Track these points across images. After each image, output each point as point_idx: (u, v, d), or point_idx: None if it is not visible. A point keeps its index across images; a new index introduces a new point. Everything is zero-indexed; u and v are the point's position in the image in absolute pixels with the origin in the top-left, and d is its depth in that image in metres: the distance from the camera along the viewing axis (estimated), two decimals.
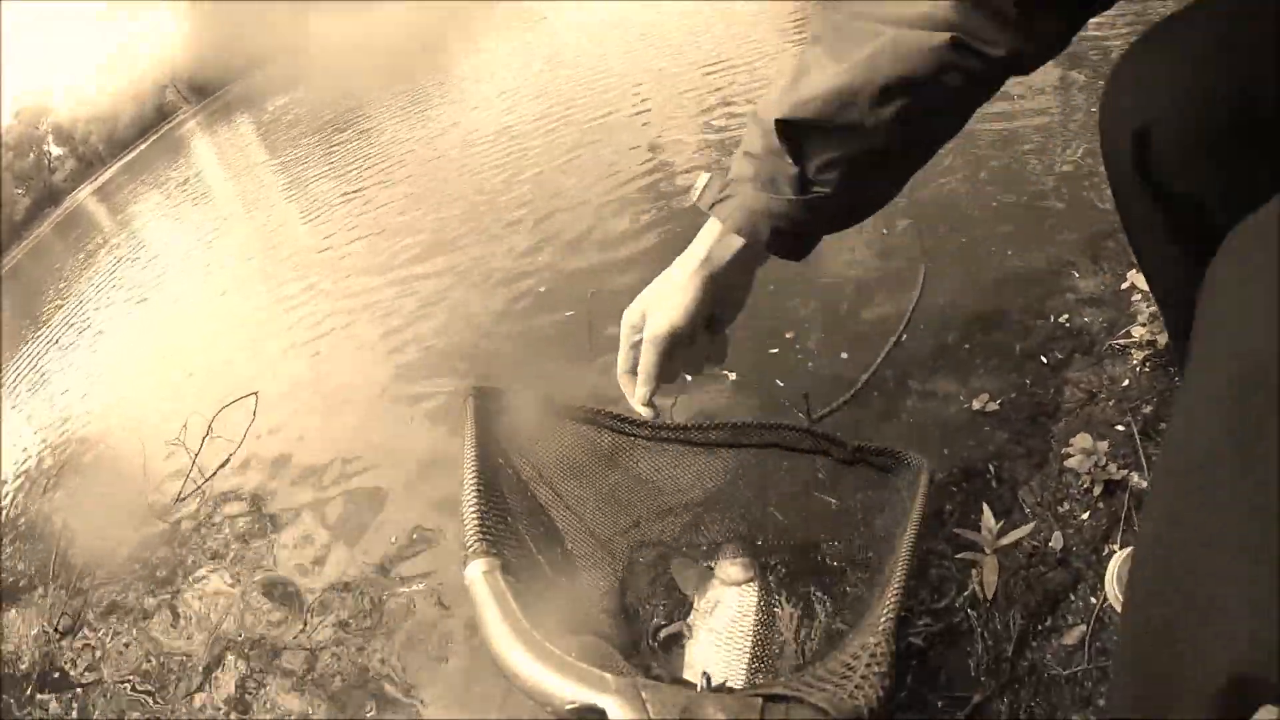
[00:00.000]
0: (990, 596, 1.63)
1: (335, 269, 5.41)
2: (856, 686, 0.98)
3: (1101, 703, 1.52)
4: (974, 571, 1.69)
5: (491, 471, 1.48)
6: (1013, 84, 3.60)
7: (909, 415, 2.21)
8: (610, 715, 0.89)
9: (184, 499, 3.32)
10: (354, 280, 4.99)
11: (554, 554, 1.64)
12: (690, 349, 1.05)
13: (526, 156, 5.85)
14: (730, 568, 1.78)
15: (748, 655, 1.62)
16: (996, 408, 2.10)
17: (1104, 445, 1.78)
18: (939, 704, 1.56)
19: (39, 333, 8.70)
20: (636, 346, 1.07)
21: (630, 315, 1.08)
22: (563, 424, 1.83)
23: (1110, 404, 2.01)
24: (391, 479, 2.84)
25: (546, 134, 6.24)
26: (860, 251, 3.02)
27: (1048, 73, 3.65)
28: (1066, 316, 2.32)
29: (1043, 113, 3.36)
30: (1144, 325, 2.03)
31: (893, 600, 1.16)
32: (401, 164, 7.51)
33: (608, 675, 0.94)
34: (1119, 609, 1.58)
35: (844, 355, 2.49)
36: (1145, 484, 1.77)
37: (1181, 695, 0.80)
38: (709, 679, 1.35)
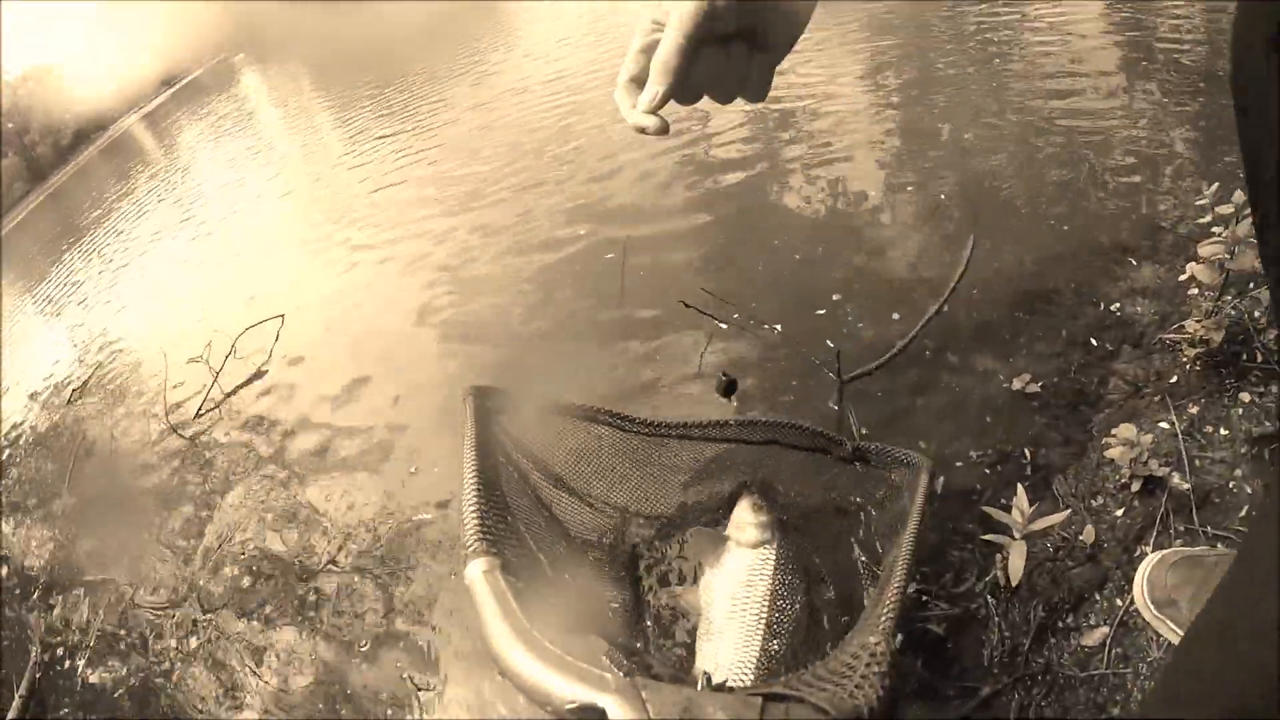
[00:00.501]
0: (1014, 584, 1.55)
1: (374, 206, 5.37)
2: (856, 686, 0.97)
3: (1117, 711, 1.46)
4: (999, 556, 1.61)
5: (492, 470, 1.47)
6: (1080, 75, 3.53)
7: (946, 388, 2.13)
8: (610, 715, 0.89)
9: (202, 414, 3.33)
10: (392, 218, 4.95)
11: (555, 551, 1.61)
12: (725, 60, 0.79)
13: (579, 106, 5.74)
14: (747, 529, 1.71)
15: (763, 623, 1.56)
16: (1037, 390, 2.00)
17: (1147, 439, 1.68)
18: (949, 693, 1.49)
19: (77, 251, 8.80)
20: (650, 51, 0.80)
21: (653, 6, 0.80)
22: (562, 422, 1.81)
23: (1156, 400, 1.90)
24: (412, 412, 2.81)
25: (597, 89, 6.11)
26: (910, 217, 2.93)
27: (1115, 73, 3.52)
28: (1117, 305, 2.21)
29: (1105, 115, 3.21)
30: (1199, 321, 1.91)
31: (893, 600, 1.14)
32: (450, 105, 7.43)
33: (608, 675, 0.93)
34: (1146, 615, 1.50)
35: (895, 316, 2.43)
36: (1187, 486, 1.67)
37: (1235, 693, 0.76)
38: (709, 678, 1.33)
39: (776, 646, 1.56)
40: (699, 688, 1.29)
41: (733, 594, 1.63)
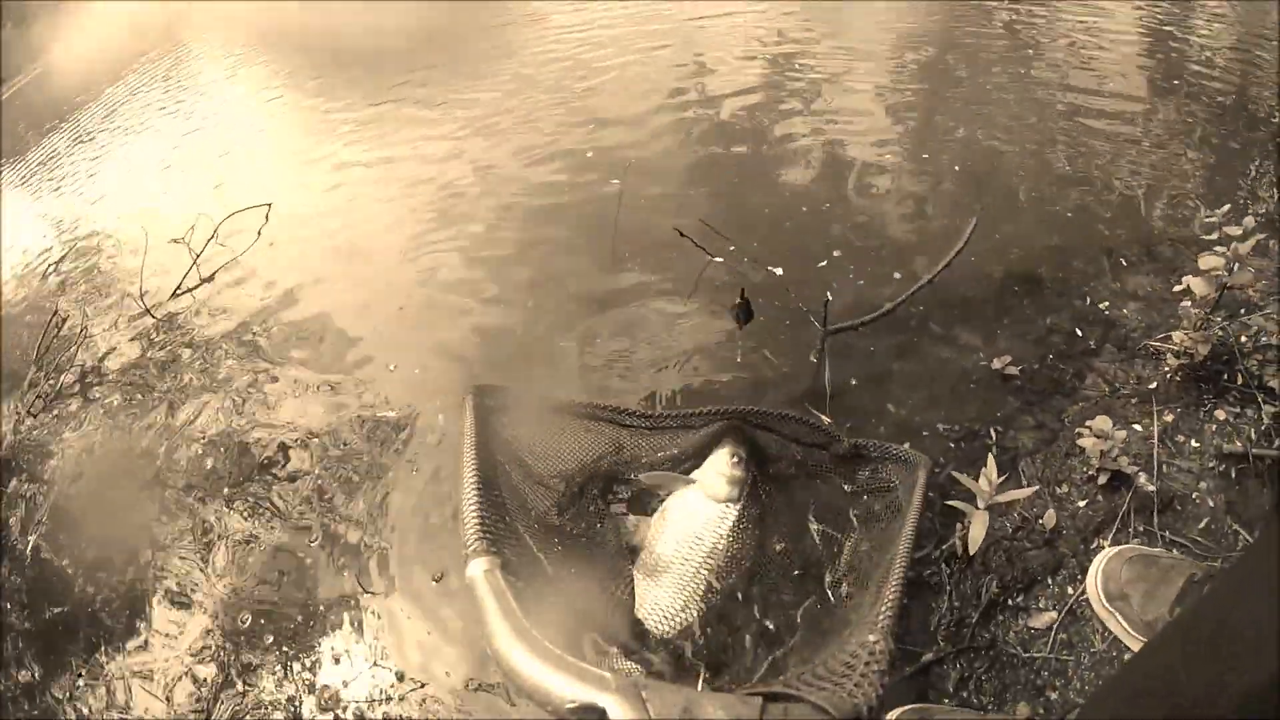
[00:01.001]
0: (972, 554, 1.51)
1: (378, 127, 5.19)
2: (855, 685, 0.98)
3: (1054, 695, 1.43)
4: (958, 525, 1.57)
5: (491, 470, 1.47)
6: (1104, 83, 3.51)
7: (926, 357, 2.10)
8: (610, 715, 0.90)
9: (179, 294, 3.21)
10: (395, 139, 4.78)
11: (555, 551, 1.58)
12: None
13: (602, 45, 5.61)
14: (718, 481, 1.65)
15: (704, 574, 1.54)
16: (1015, 372, 1.97)
17: (1121, 434, 1.65)
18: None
19: (63, 130, 8.49)
20: None
21: None
22: (561, 419, 1.79)
23: (1133, 402, 1.88)
24: (388, 319, 2.72)
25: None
26: (919, 188, 2.88)
27: (1139, 88, 3.49)
28: (1106, 304, 2.18)
29: (1124, 122, 3.17)
30: (1187, 333, 1.89)
31: (892, 598, 1.14)
32: (467, 38, 7.23)
33: (608, 675, 0.94)
34: (1096, 605, 1.47)
35: (897, 275, 2.40)
36: (1152, 488, 1.65)
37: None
38: (708, 677, 1.33)
39: (712, 600, 1.53)
40: (698, 687, 1.32)
41: (682, 540, 1.59)
